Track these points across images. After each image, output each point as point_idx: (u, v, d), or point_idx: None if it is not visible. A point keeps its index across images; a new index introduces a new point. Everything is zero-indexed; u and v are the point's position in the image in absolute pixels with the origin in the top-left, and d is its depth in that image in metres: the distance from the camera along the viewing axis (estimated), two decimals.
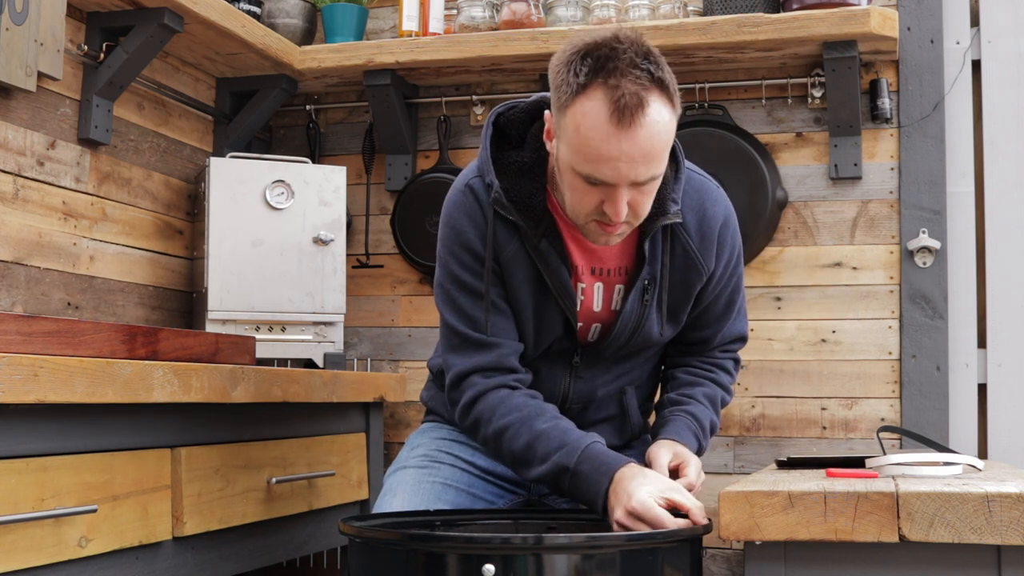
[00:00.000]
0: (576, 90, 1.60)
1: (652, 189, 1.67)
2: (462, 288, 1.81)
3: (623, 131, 1.57)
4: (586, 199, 1.66)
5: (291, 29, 2.98)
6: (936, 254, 2.76)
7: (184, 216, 2.90)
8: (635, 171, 1.61)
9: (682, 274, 1.85)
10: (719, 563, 2.83)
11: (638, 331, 1.85)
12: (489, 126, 1.82)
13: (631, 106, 1.56)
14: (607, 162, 1.60)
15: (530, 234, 1.76)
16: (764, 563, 1.52)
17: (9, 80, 2.22)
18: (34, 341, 1.66)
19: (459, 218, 1.81)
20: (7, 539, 1.55)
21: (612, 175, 1.61)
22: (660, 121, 1.60)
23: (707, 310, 1.93)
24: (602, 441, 1.76)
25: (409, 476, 1.93)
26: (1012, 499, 1.42)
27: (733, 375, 2.03)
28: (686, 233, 1.83)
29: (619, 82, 1.57)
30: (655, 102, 1.59)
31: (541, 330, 1.84)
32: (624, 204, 1.64)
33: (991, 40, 2.82)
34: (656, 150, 1.61)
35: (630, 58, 1.58)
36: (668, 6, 2.84)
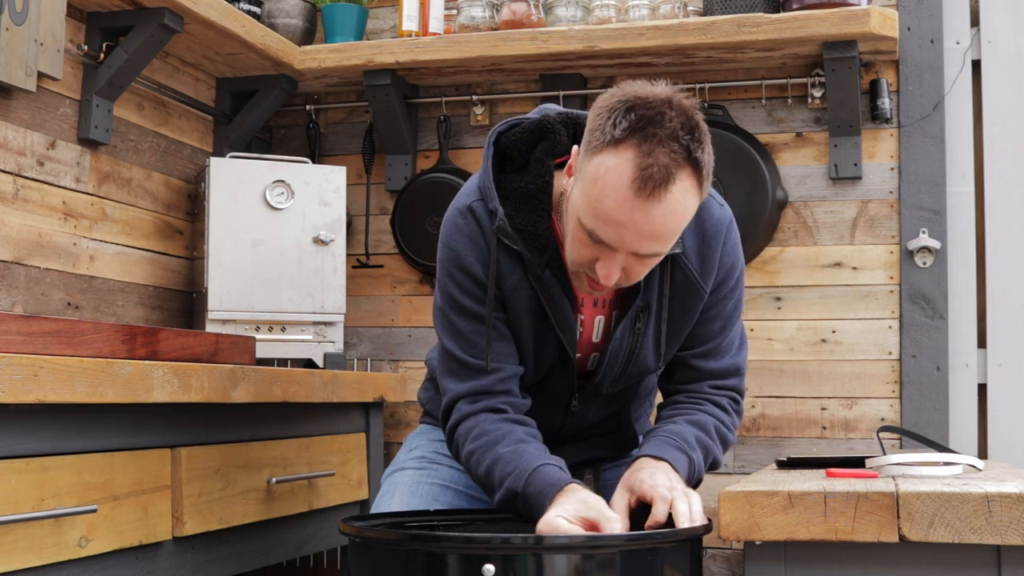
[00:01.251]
0: (609, 141, 1.52)
1: (652, 263, 1.62)
2: (462, 313, 1.75)
3: (640, 201, 1.50)
4: (583, 251, 1.60)
5: (291, 29, 2.98)
6: (936, 254, 2.76)
7: (184, 216, 2.90)
8: (639, 244, 1.54)
9: (681, 301, 1.77)
10: (719, 563, 2.83)
11: (632, 361, 1.79)
12: (490, 147, 1.74)
13: (656, 179, 1.49)
14: (614, 226, 1.53)
15: (533, 264, 1.70)
16: (764, 563, 1.52)
17: (9, 80, 2.22)
18: (34, 341, 1.66)
19: (460, 242, 1.74)
20: (7, 539, 1.55)
21: (615, 240, 1.54)
22: (681, 202, 1.52)
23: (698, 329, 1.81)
24: (556, 464, 1.66)
25: (407, 477, 1.93)
26: (1012, 499, 1.42)
27: (730, 413, 1.84)
28: (686, 258, 1.75)
29: (653, 150, 1.49)
30: (682, 181, 1.51)
31: (541, 358, 1.79)
32: (617, 270, 1.58)
33: (991, 40, 2.82)
34: (668, 230, 1.54)
35: (673, 129, 1.51)
36: (668, 6, 2.83)
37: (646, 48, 2.75)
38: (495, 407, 1.75)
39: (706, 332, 1.81)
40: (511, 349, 1.77)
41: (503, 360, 1.76)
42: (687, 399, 1.84)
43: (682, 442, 1.71)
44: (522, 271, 1.72)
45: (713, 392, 1.84)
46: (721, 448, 1.80)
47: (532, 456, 1.66)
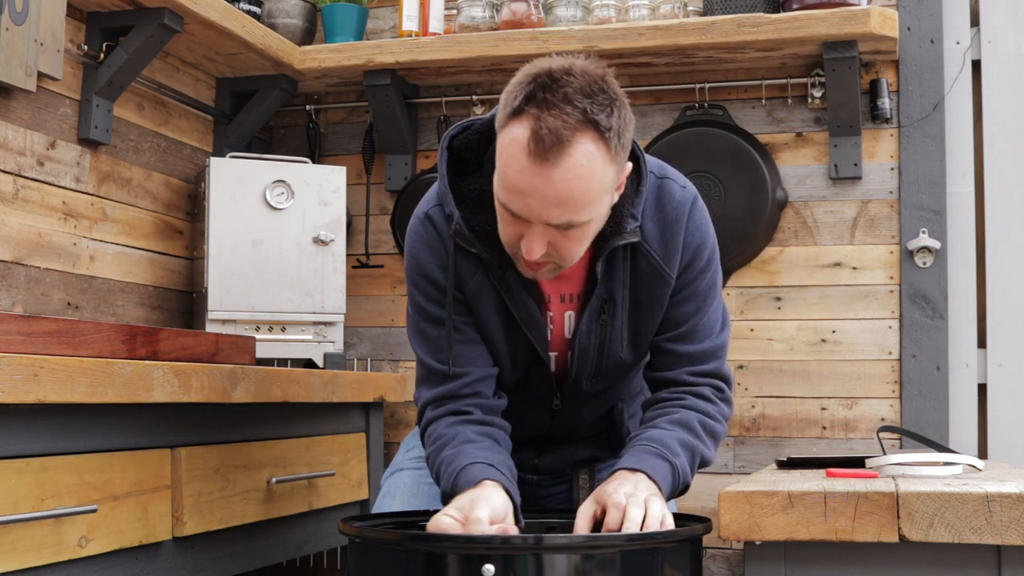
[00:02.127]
0: (509, 114, 1.51)
1: (579, 236, 1.56)
2: (428, 319, 1.75)
3: (538, 167, 1.47)
4: (508, 230, 1.58)
5: (291, 29, 2.98)
6: (936, 254, 2.76)
7: (184, 216, 2.90)
8: (548, 212, 1.50)
9: (648, 289, 1.72)
10: (719, 563, 2.83)
11: (604, 355, 1.76)
12: (444, 151, 1.71)
13: (547, 142, 1.46)
14: (519, 195, 1.51)
15: (494, 265, 1.68)
16: (764, 563, 1.52)
17: (9, 80, 2.22)
18: (34, 341, 1.66)
19: (420, 249, 1.74)
20: (7, 539, 1.55)
21: (523, 210, 1.52)
22: (583, 166, 1.47)
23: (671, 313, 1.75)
24: (486, 462, 1.63)
25: (407, 478, 1.94)
26: (1012, 499, 1.42)
27: (716, 402, 1.76)
28: (647, 245, 1.70)
29: (543, 114, 1.47)
30: (582, 143, 1.47)
31: (515, 358, 1.78)
32: (538, 244, 1.54)
33: (991, 40, 2.82)
34: (573, 195, 1.49)
35: (567, 93, 1.48)
36: (668, 6, 2.84)
37: (646, 48, 2.75)
38: (458, 410, 1.74)
39: (679, 315, 1.75)
40: (479, 352, 1.76)
41: (469, 364, 1.75)
42: (669, 395, 1.77)
43: (663, 449, 1.65)
44: (483, 273, 1.71)
45: (694, 380, 1.76)
46: (711, 443, 1.74)
47: (466, 455, 1.64)
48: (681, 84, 2.94)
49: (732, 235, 2.83)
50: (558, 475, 1.98)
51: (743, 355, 2.88)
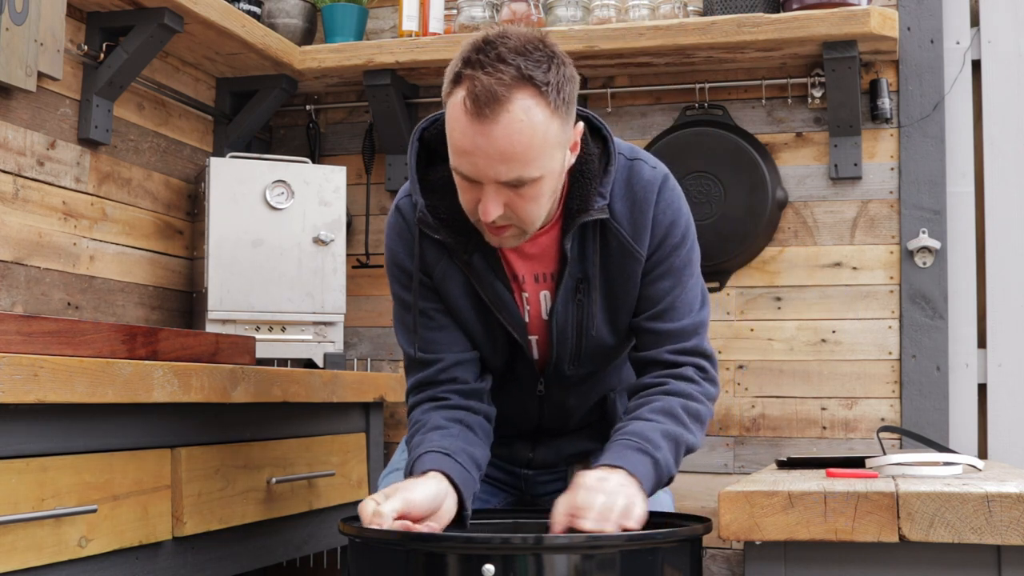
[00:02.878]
0: (450, 82, 1.56)
1: (532, 194, 1.57)
2: (402, 306, 1.81)
3: (476, 125, 1.51)
4: (466, 196, 1.61)
5: (291, 29, 2.98)
6: (936, 254, 2.76)
7: (184, 216, 2.90)
8: (494, 169, 1.53)
9: (620, 268, 1.74)
10: (719, 563, 2.83)
11: (584, 335, 1.76)
12: (414, 143, 1.74)
13: (482, 100, 1.49)
14: (464, 155, 1.54)
15: (459, 250, 1.71)
16: (764, 563, 1.52)
17: (9, 80, 2.22)
18: (34, 341, 1.66)
19: (392, 239, 1.81)
20: (7, 539, 1.55)
21: (471, 170, 1.55)
22: (523, 120, 1.50)
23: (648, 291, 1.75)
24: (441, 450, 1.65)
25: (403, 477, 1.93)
26: (1012, 499, 1.42)
27: (699, 382, 1.74)
28: (616, 224, 1.72)
29: (477, 75, 1.51)
30: (519, 99, 1.50)
31: (495, 341, 1.79)
32: (493, 204, 1.56)
33: (991, 40, 2.82)
34: (516, 150, 1.51)
35: (499, 53, 1.52)
36: (668, 6, 2.84)
37: (646, 48, 2.75)
38: (435, 396, 1.77)
39: (656, 292, 1.75)
40: (452, 337, 1.79)
41: (442, 349, 1.78)
42: (652, 380, 1.75)
43: (645, 443, 1.63)
44: (448, 258, 1.74)
45: (675, 359, 1.75)
46: (696, 428, 1.71)
47: (427, 443, 1.67)
48: (681, 84, 2.94)
49: (732, 235, 2.84)
50: (553, 468, 1.98)
51: (743, 355, 2.88)
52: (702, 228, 2.45)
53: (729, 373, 2.88)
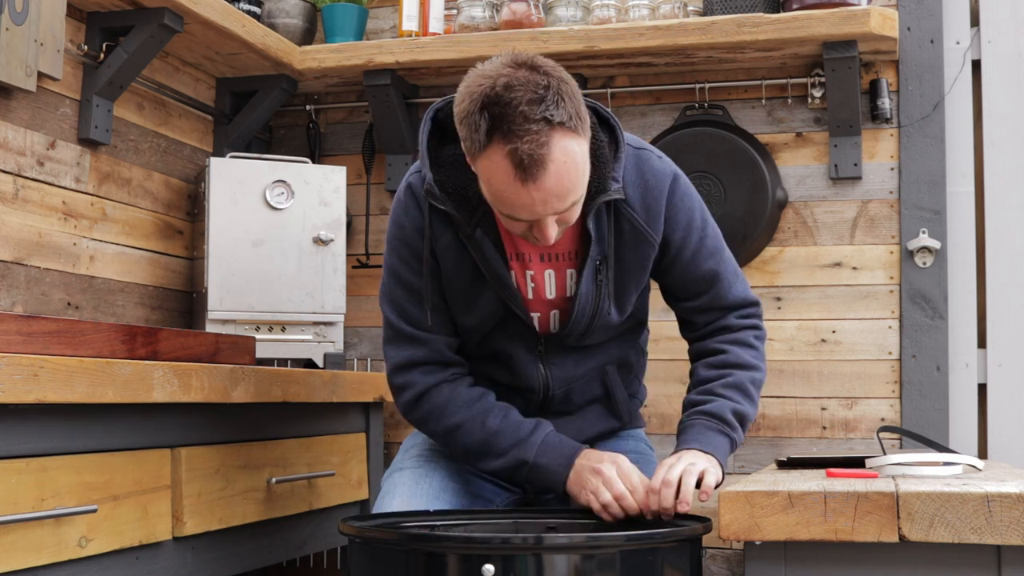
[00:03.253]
0: (480, 148, 1.63)
1: (578, 208, 1.71)
2: (399, 282, 1.88)
3: (530, 184, 1.60)
4: (516, 226, 1.71)
5: (291, 29, 2.98)
6: (936, 254, 2.76)
7: (184, 216, 2.90)
8: (551, 207, 1.65)
9: (634, 250, 1.85)
10: (719, 563, 2.83)
11: (597, 315, 1.86)
12: (428, 121, 1.83)
13: (530, 163, 1.59)
14: (523, 208, 1.64)
15: (464, 224, 1.80)
16: (764, 563, 1.52)
17: (9, 80, 2.22)
18: (34, 341, 1.66)
19: (399, 214, 1.88)
20: (7, 539, 1.55)
21: (531, 216, 1.66)
22: (566, 159, 1.61)
23: (686, 279, 1.91)
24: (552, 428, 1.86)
25: (407, 477, 1.94)
26: (1012, 499, 1.42)
27: (756, 347, 1.94)
28: (630, 209, 1.83)
29: (516, 144, 1.58)
30: (557, 145, 1.60)
31: (484, 318, 1.87)
32: (551, 230, 1.69)
33: (991, 40, 2.82)
34: (568, 186, 1.64)
35: (523, 112, 1.58)
36: (668, 6, 2.84)
37: (646, 48, 2.75)
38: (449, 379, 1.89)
39: (704, 273, 1.91)
40: (445, 318, 1.89)
41: (437, 330, 1.88)
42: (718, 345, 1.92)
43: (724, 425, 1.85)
44: (453, 232, 1.83)
45: (739, 329, 1.93)
46: (756, 399, 1.91)
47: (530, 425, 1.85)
48: (681, 84, 2.94)
49: (732, 235, 2.83)
50: None
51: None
52: None
53: None
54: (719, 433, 1.84)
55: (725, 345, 1.92)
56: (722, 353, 1.92)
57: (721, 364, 1.91)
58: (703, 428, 1.84)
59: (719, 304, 1.93)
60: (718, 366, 1.91)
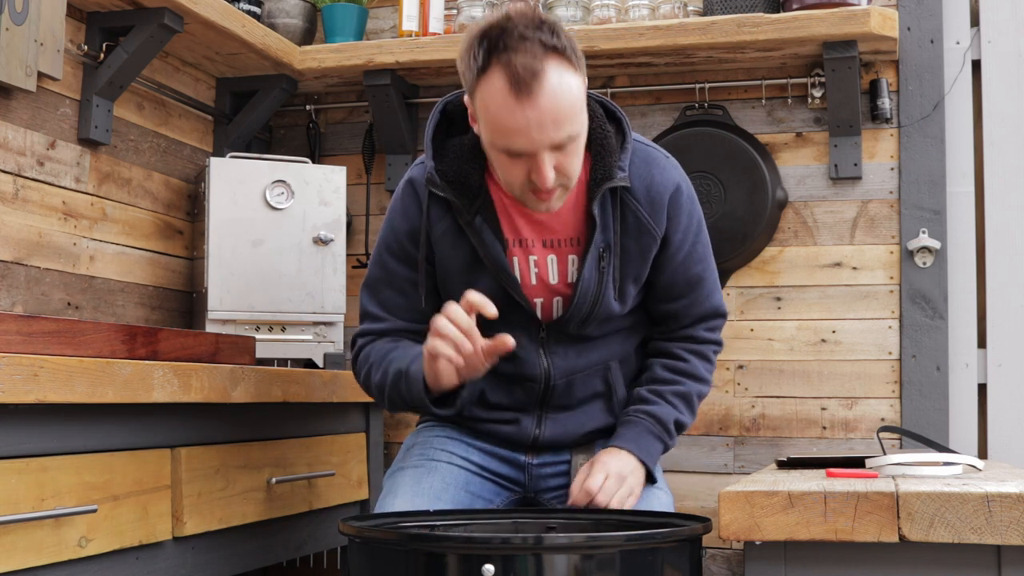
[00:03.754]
0: (477, 73, 1.69)
1: (575, 149, 1.74)
2: (380, 267, 1.96)
3: (525, 101, 1.66)
4: (514, 171, 1.75)
5: (291, 29, 2.98)
6: (936, 254, 2.76)
7: (184, 216, 2.90)
8: (547, 136, 1.68)
9: (636, 241, 1.89)
10: (719, 563, 2.83)
11: (598, 303, 1.89)
12: (436, 113, 1.90)
13: (526, 77, 1.65)
14: (518, 133, 1.68)
15: (463, 211, 1.85)
16: (764, 563, 1.52)
17: (9, 80, 2.23)
18: (34, 341, 1.66)
19: (395, 204, 1.96)
20: (7, 539, 1.55)
21: (527, 144, 1.69)
22: (561, 84, 1.67)
23: (674, 280, 1.95)
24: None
25: (408, 477, 1.94)
26: (1012, 499, 1.42)
27: (712, 362, 2.02)
28: (635, 200, 1.88)
29: (511, 57, 1.65)
30: (552, 68, 1.66)
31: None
32: (549, 170, 1.72)
33: (991, 40, 2.82)
34: (563, 112, 1.68)
35: (519, 32, 1.66)
36: (668, 6, 2.84)
37: (646, 48, 2.75)
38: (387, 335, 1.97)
39: (691, 277, 1.96)
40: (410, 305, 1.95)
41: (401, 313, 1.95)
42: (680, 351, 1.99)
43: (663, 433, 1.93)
44: (452, 218, 1.88)
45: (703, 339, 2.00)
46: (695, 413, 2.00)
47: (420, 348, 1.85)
48: (681, 84, 2.94)
49: (732, 235, 2.84)
50: (557, 451, 2.01)
51: (743, 355, 2.88)
52: None
53: (729, 373, 2.88)
54: (657, 440, 1.92)
55: (686, 354, 1.98)
56: (682, 360, 1.98)
57: (678, 371, 1.97)
58: (645, 431, 1.91)
59: (695, 311, 1.99)
60: (674, 371, 1.97)
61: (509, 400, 1.98)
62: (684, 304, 1.98)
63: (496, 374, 1.94)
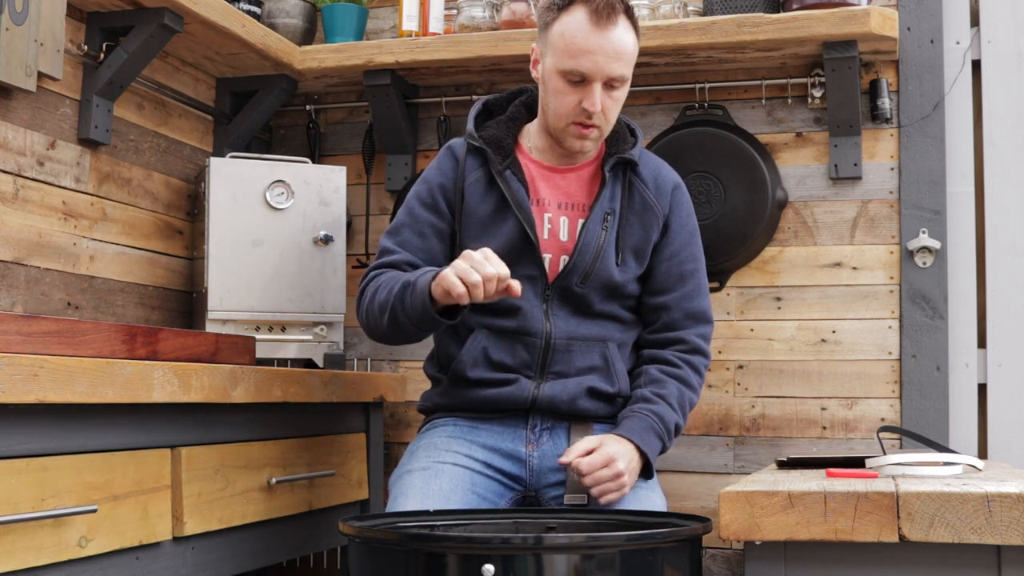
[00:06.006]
0: (559, 9, 2.01)
1: (619, 97, 2.03)
2: (407, 212, 2.13)
3: (600, 29, 1.97)
4: (568, 99, 2.01)
5: (291, 29, 2.98)
6: (936, 254, 2.76)
7: (184, 216, 2.90)
8: (609, 66, 1.98)
9: (640, 218, 2.11)
10: (719, 563, 2.83)
11: (598, 259, 2.06)
12: (479, 104, 2.20)
13: (606, 10, 1.97)
14: (587, 55, 1.97)
15: (495, 161, 2.09)
16: (764, 563, 1.52)
17: (9, 80, 2.23)
18: (34, 341, 1.66)
19: (432, 164, 2.18)
20: (7, 539, 1.55)
21: (591, 68, 1.97)
22: (628, 32, 2.01)
23: (668, 271, 2.13)
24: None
25: (416, 479, 1.97)
26: (1012, 499, 1.42)
27: (702, 375, 2.15)
28: (642, 183, 2.13)
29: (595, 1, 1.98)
30: (622, 19, 2.00)
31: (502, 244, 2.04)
32: (599, 99, 1.99)
33: (991, 40, 2.82)
34: (625, 53, 2.00)
35: None
36: (668, 6, 2.83)
37: (646, 48, 2.74)
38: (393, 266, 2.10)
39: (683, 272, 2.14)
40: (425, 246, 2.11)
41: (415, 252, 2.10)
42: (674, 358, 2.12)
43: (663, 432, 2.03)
44: (484, 168, 2.11)
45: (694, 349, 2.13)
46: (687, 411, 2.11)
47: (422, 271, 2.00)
48: (681, 84, 2.94)
49: (732, 235, 2.84)
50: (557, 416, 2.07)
51: (743, 355, 2.88)
52: (702, 228, 2.46)
53: (729, 373, 2.88)
54: (658, 438, 2.02)
55: (681, 362, 2.12)
56: (678, 368, 2.11)
57: (676, 377, 2.10)
58: (649, 428, 2.01)
59: (685, 306, 2.14)
60: (674, 378, 2.10)
61: (511, 359, 2.07)
62: (675, 298, 2.13)
63: (499, 331, 2.07)
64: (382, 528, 1.67)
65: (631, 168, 2.13)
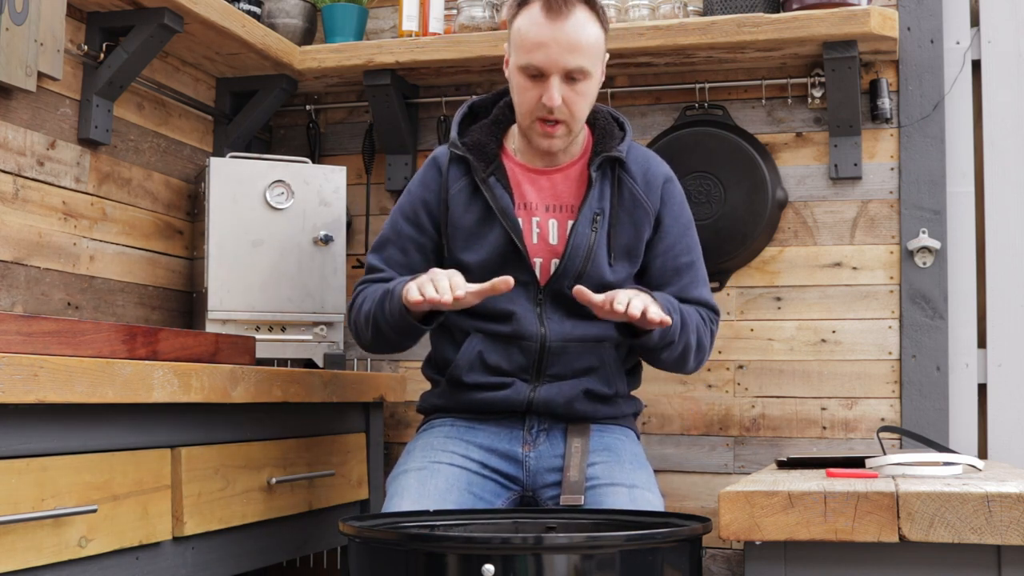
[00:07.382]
0: (519, 4, 1.99)
1: (583, 90, 1.99)
2: (391, 227, 2.15)
3: (552, 21, 1.94)
4: (529, 95, 1.98)
5: (291, 29, 2.98)
6: (936, 254, 2.76)
7: (184, 216, 2.90)
8: (563, 58, 1.94)
9: (630, 215, 2.09)
10: (719, 563, 2.83)
11: (589, 260, 2.04)
12: (464, 107, 2.17)
13: (557, 5, 1.94)
14: (541, 48, 1.94)
15: (478, 169, 2.07)
16: (764, 563, 1.52)
17: (9, 80, 2.23)
18: (34, 341, 1.66)
19: (416, 176, 2.17)
20: (7, 539, 1.55)
21: (544, 61, 1.95)
22: (586, 22, 1.96)
23: (664, 265, 2.12)
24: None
25: (412, 479, 1.96)
26: (1012, 499, 1.42)
27: (707, 322, 2.12)
28: (631, 179, 2.10)
29: None
30: (579, 10, 1.96)
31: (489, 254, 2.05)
32: (557, 93, 1.95)
33: (991, 40, 2.82)
34: (580, 44, 1.95)
35: None
36: (668, 6, 2.84)
37: (646, 48, 2.75)
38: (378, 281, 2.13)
39: (681, 266, 2.13)
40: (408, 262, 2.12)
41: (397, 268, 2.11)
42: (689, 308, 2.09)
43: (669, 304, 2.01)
44: (468, 177, 2.09)
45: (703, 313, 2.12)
46: (695, 344, 2.07)
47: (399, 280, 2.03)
48: (681, 84, 2.94)
49: (732, 235, 2.84)
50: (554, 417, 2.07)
51: (743, 355, 2.88)
52: (702, 228, 2.47)
53: (729, 373, 2.88)
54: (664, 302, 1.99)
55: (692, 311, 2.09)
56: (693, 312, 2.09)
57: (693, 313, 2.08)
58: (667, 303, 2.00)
59: (685, 296, 2.10)
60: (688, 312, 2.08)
61: (507, 363, 2.06)
62: (672, 292, 2.10)
63: (494, 335, 2.05)
64: (382, 528, 1.67)
65: (619, 165, 2.09)
